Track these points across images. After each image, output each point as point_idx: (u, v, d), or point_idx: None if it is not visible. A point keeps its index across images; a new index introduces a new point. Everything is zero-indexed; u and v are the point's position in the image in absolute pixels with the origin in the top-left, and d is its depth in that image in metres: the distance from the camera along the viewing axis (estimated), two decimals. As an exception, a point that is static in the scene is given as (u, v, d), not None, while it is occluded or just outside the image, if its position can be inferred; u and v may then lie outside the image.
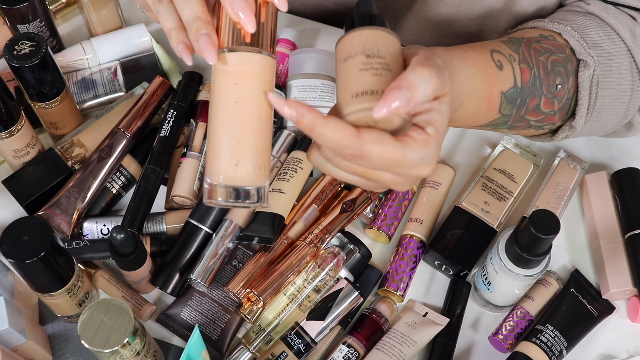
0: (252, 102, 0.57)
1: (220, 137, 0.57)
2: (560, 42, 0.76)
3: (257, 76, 0.57)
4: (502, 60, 0.72)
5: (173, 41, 0.59)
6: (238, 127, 0.57)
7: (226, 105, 0.57)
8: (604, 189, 0.89)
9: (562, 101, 0.76)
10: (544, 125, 0.79)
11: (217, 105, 0.57)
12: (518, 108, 0.74)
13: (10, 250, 0.68)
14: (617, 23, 0.78)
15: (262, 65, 0.57)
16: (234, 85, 0.56)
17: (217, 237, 0.82)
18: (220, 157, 0.57)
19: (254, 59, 0.57)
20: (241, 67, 0.57)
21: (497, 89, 0.72)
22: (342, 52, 0.58)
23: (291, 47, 0.97)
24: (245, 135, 0.57)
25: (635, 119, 0.83)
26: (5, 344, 0.74)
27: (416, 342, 0.80)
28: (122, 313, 0.68)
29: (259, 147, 0.57)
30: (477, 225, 0.85)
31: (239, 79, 0.57)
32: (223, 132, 0.57)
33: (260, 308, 0.79)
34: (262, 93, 0.57)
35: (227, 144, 0.57)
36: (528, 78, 0.73)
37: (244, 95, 0.57)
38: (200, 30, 0.57)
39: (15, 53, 0.77)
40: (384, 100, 0.53)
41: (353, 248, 0.82)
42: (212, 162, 0.57)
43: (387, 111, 0.53)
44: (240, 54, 0.57)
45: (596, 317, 0.83)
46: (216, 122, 0.57)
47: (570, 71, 0.76)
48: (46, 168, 0.85)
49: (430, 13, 0.94)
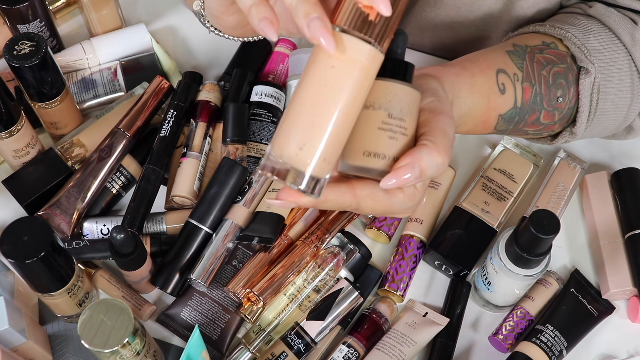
0: (340, 91, 0.52)
1: (296, 113, 0.53)
2: (562, 51, 0.76)
3: (358, 68, 0.52)
4: (505, 84, 0.72)
5: (253, 18, 0.54)
6: (317, 111, 0.52)
7: (314, 85, 0.53)
8: (604, 189, 0.89)
9: (563, 112, 0.76)
10: (543, 133, 0.79)
11: (306, 81, 0.53)
12: (515, 124, 0.75)
13: (10, 250, 0.68)
14: (618, 27, 0.78)
15: (368, 58, 0.52)
16: (330, 69, 0.52)
17: (217, 237, 0.82)
18: (290, 134, 0.53)
19: (363, 49, 0.52)
20: (345, 53, 0.52)
21: (496, 113, 0.72)
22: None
23: (291, 47, 0.97)
24: (321, 122, 0.52)
25: (635, 122, 0.83)
26: (5, 344, 0.74)
27: (416, 342, 0.80)
28: (122, 313, 0.68)
29: (331, 139, 0.53)
30: (477, 225, 0.85)
31: (338, 63, 0.52)
32: (301, 109, 0.53)
33: (260, 308, 0.79)
34: (356, 87, 0.53)
35: (300, 123, 0.53)
36: (529, 97, 0.73)
37: (336, 82, 0.52)
38: (310, 14, 0.51)
39: (15, 53, 0.77)
40: (394, 174, 0.55)
41: (353, 248, 0.82)
42: (280, 134, 0.54)
43: (394, 185, 0.55)
44: (350, 39, 0.52)
45: (596, 317, 0.83)
46: (299, 96, 0.53)
47: (571, 81, 0.75)
48: (46, 168, 0.85)
49: (430, 14, 0.94)
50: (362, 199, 0.57)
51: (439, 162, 0.56)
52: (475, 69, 0.70)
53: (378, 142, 0.56)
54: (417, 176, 0.55)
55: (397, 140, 0.56)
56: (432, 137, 0.57)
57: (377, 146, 0.56)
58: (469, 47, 0.96)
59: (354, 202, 0.57)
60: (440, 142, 0.57)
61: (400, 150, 0.56)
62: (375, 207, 0.58)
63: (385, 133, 0.56)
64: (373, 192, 0.57)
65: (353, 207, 0.58)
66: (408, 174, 0.55)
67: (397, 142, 0.56)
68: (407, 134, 0.57)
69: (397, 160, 0.56)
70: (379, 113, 0.56)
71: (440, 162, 0.56)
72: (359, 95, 0.53)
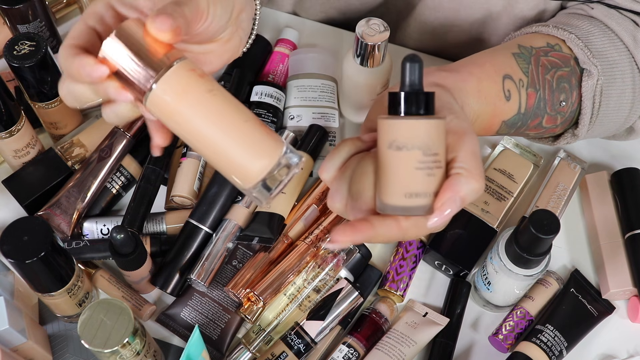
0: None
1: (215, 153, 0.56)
2: (566, 53, 0.76)
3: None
4: (511, 90, 0.71)
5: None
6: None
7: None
8: (604, 189, 0.89)
9: (566, 115, 0.76)
10: (545, 135, 0.79)
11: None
12: (517, 128, 0.75)
13: (10, 250, 0.68)
14: (620, 29, 0.77)
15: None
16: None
17: (217, 237, 0.82)
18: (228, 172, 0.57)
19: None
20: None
21: (500, 119, 0.72)
22: (393, 137, 0.55)
23: (291, 47, 0.97)
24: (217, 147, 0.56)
25: (636, 124, 0.83)
26: (5, 344, 0.74)
27: (416, 342, 0.80)
28: (122, 313, 0.68)
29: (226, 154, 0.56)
30: (477, 225, 0.85)
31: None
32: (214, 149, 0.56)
33: (260, 308, 0.79)
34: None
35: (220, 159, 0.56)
36: (533, 102, 0.73)
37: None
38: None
39: (15, 53, 0.77)
40: (439, 213, 0.56)
41: (353, 248, 0.82)
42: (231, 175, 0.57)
43: (440, 221, 0.56)
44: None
45: (596, 317, 0.83)
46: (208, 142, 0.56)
47: (574, 85, 0.75)
48: (46, 168, 0.85)
49: (430, 17, 0.94)
50: (408, 230, 0.58)
51: (476, 189, 0.57)
52: (483, 75, 0.70)
53: (417, 182, 0.56)
54: (459, 206, 0.56)
55: (435, 176, 0.56)
56: (465, 163, 0.57)
57: (417, 186, 0.56)
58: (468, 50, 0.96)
59: (401, 233, 0.58)
60: (473, 166, 0.57)
61: (439, 184, 0.56)
62: (419, 233, 0.59)
63: (422, 172, 0.55)
64: (417, 222, 0.57)
65: (400, 237, 0.58)
66: (449, 209, 0.56)
67: (435, 178, 0.56)
68: (442, 166, 0.56)
69: (437, 194, 0.56)
70: (413, 153, 0.55)
71: (477, 188, 0.57)
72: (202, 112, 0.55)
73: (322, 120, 0.90)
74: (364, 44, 0.82)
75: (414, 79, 0.56)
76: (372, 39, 0.82)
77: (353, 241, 0.57)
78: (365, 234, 0.57)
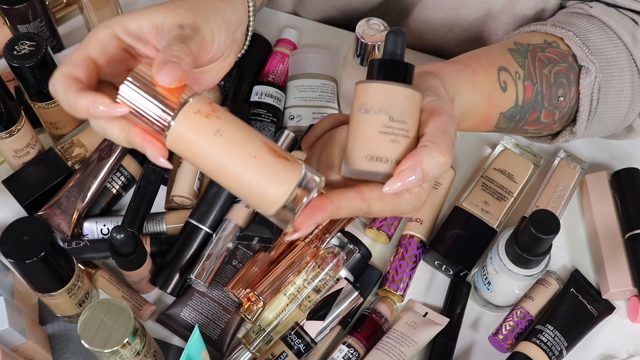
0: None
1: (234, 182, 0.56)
2: (564, 50, 0.76)
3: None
4: (507, 82, 0.72)
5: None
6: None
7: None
8: (604, 189, 0.89)
9: (564, 111, 0.76)
10: (543, 132, 0.79)
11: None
12: (516, 122, 0.75)
13: (10, 250, 0.68)
14: (619, 27, 0.77)
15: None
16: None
17: (217, 237, 0.82)
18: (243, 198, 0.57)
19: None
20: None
21: (497, 111, 0.72)
22: (363, 100, 0.56)
23: (291, 47, 0.97)
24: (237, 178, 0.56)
25: (635, 122, 0.83)
26: (5, 344, 0.74)
27: (416, 342, 0.80)
28: (122, 313, 0.68)
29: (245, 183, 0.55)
30: (477, 225, 0.85)
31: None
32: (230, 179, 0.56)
33: (260, 308, 0.79)
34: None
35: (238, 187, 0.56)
36: (530, 95, 0.73)
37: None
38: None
39: (15, 53, 0.77)
40: (397, 178, 0.56)
41: (353, 248, 0.82)
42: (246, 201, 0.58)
43: (399, 188, 0.56)
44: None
45: (596, 317, 0.83)
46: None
47: (572, 81, 0.75)
48: (46, 168, 0.85)
49: (430, 17, 0.94)
50: (371, 202, 0.58)
51: (441, 162, 0.56)
52: (477, 66, 0.70)
53: (380, 146, 0.56)
54: (420, 178, 0.56)
55: (399, 143, 0.56)
56: (433, 137, 0.57)
57: (380, 150, 0.56)
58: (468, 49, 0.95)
59: (365, 206, 0.58)
60: (440, 141, 0.57)
61: (403, 153, 0.56)
62: (384, 209, 0.59)
63: (387, 137, 0.56)
64: (381, 194, 0.57)
65: (364, 210, 0.58)
66: (411, 177, 0.55)
67: (400, 145, 0.56)
68: (408, 136, 0.57)
69: (400, 163, 0.56)
70: (379, 117, 0.56)
71: (442, 162, 0.57)
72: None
73: (322, 120, 0.90)
74: (364, 44, 0.83)
75: (394, 49, 0.57)
76: (372, 38, 0.82)
77: (316, 222, 0.56)
78: (326, 210, 0.56)
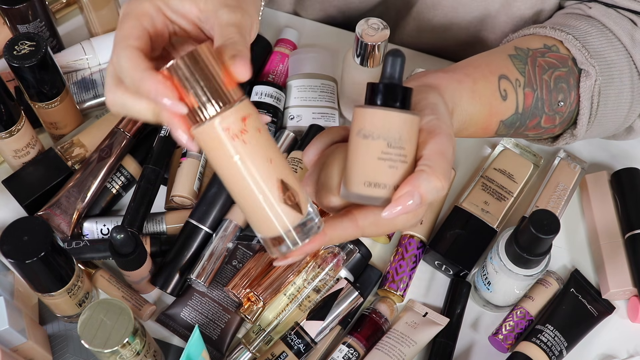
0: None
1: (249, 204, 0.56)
2: (563, 54, 0.76)
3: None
4: (507, 90, 0.71)
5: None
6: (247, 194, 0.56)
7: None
8: (604, 189, 0.89)
9: (564, 116, 0.76)
10: (544, 135, 0.79)
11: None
12: (516, 129, 0.75)
13: (10, 250, 0.68)
14: (618, 28, 0.77)
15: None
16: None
17: (217, 237, 0.82)
18: (252, 220, 0.57)
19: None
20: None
21: (497, 119, 0.72)
22: (361, 125, 0.56)
23: (291, 47, 0.97)
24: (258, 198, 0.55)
25: (635, 123, 0.83)
26: (5, 344, 0.74)
27: (416, 342, 0.80)
28: (122, 313, 0.68)
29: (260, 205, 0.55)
30: (477, 225, 0.85)
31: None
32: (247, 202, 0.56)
33: (260, 308, 0.79)
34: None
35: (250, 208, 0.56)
36: (530, 102, 0.73)
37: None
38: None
39: (15, 53, 0.77)
40: (395, 204, 0.55)
41: (353, 248, 0.82)
42: (252, 223, 0.57)
43: (395, 214, 0.56)
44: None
45: (596, 317, 0.83)
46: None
47: (572, 85, 0.75)
48: (46, 168, 0.85)
49: (429, 16, 0.94)
50: (365, 228, 0.58)
51: (438, 187, 0.56)
52: (478, 75, 0.70)
53: (378, 172, 0.56)
54: (417, 203, 0.55)
55: (397, 169, 0.56)
56: (430, 161, 0.57)
57: (377, 176, 0.56)
58: (467, 49, 0.96)
59: (359, 232, 0.58)
60: (437, 165, 0.56)
61: (401, 178, 0.56)
62: (379, 230, 0.59)
63: (385, 163, 0.56)
64: (375, 220, 0.58)
65: (358, 235, 0.59)
66: (409, 202, 0.55)
67: (397, 171, 0.56)
68: (406, 161, 0.56)
69: (398, 188, 0.56)
70: (377, 143, 0.55)
71: (439, 187, 0.56)
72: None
73: (322, 120, 0.90)
74: (364, 44, 0.83)
75: (392, 73, 0.56)
76: (371, 38, 0.82)
77: (306, 253, 0.57)
78: (318, 242, 0.57)
